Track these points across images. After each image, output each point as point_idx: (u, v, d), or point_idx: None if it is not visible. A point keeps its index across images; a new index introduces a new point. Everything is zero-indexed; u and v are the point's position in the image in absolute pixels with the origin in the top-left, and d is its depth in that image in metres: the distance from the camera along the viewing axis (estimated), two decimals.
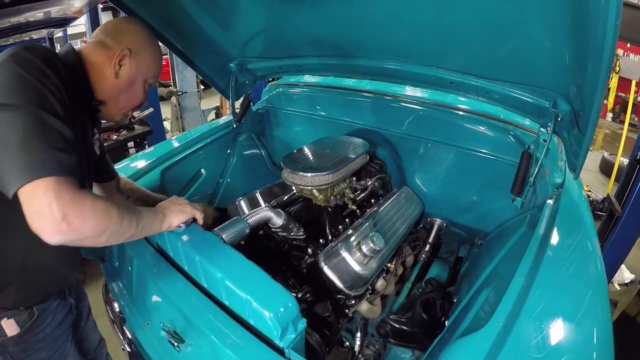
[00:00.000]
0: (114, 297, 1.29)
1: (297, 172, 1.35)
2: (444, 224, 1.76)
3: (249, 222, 1.16)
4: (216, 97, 6.53)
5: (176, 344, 0.95)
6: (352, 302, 1.23)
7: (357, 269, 1.16)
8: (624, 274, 2.84)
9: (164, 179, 1.63)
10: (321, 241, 1.37)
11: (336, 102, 2.04)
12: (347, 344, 1.29)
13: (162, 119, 4.58)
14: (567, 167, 1.29)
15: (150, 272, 1.08)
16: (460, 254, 1.85)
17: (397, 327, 1.26)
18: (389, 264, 1.40)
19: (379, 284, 1.39)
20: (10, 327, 0.93)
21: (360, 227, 1.34)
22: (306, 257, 1.31)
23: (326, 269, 1.17)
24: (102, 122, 1.15)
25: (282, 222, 1.26)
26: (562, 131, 1.20)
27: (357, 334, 1.29)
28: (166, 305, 1.07)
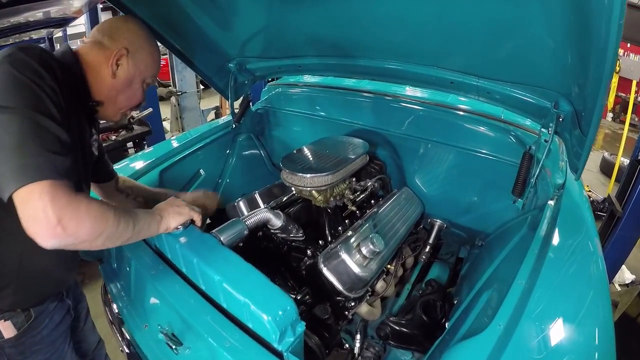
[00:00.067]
0: (112, 299, 1.28)
1: (296, 173, 1.34)
2: (444, 225, 1.75)
3: (247, 223, 1.16)
4: (216, 97, 6.54)
5: (174, 346, 0.94)
6: (352, 304, 1.22)
7: (356, 270, 1.16)
8: (625, 275, 2.83)
9: (163, 180, 1.62)
10: (320, 242, 1.36)
11: (336, 102, 2.03)
12: (347, 346, 1.28)
13: (162, 119, 4.59)
14: (568, 167, 1.28)
15: (148, 274, 1.07)
16: (460, 255, 1.84)
17: (397, 329, 1.25)
18: (389, 266, 1.40)
19: (379, 285, 1.39)
20: (7, 329, 0.93)
21: (360, 228, 1.33)
22: (305, 259, 1.30)
23: (325, 270, 1.16)
24: (101, 122, 1.15)
25: (281, 223, 1.25)
26: (564, 132, 1.19)
27: (357, 336, 1.28)
28: (164, 307, 1.06)
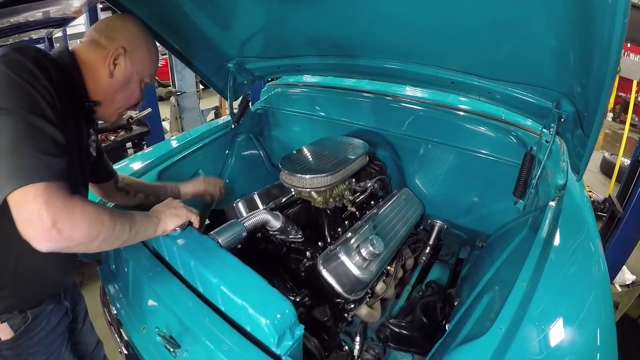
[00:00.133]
0: (110, 300, 1.27)
1: (295, 174, 1.33)
2: (445, 226, 1.74)
3: (245, 225, 1.15)
4: (215, 97, 6.53)
5: (172, 349, 0.93)
6: (351, 306, 1.21)
7: (356, 272, 1.15)
8: (625, 275, 2.83)
9: (162, 180, 1.60)
10: (320, 244, 1.35)
11: (335, 102, 2.02)
12: (346, 348, 1.28)
13: (161, 119, 4.58)
14: (569, 168, 1.27)
15: (146, 276, 1.07)
16: (460, 256, 1.84)
17: (397, 331, 1.24)
18: (389, 267, 1.39)
19: (379, 287, 1.38)
20: (3, 331, 0.92)
21: (359, 229, 1.32)
22: (304, 260, 1.29)
23: (325, 272, 1.15)
24: (99, 122, 1.14)
25: (280, 224, 1.24)
26: (565, 132, 1.18)
27: (356, 338, 1.27)
28: (162, 309, 1.05)
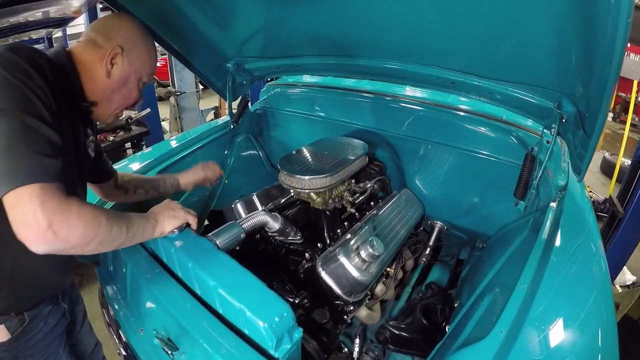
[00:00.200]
0: (109, 302, 1.26)
1: (294, 175, 1.32)
2: (445, 227, 1.73)
3: (244, 227, 1.14)
4: (215, 97, 6.50)
5: (170, 351, 0.92)
6: (351, 308, 1.20)
7: (355, 274, 1.14)
8: (626, 276, 2.82)
9: None
10: (319, 245, 1.35)
11: (335, 102, 2.01)
12: (346, 350, 1.27)
13: (161, 120, 4.57)
14: (570, 168, 1.26)
15: (144, 277, 1.06)
16: (461, 257, 1.83)
17: (397, 333, 1.23)
18: (388, 269, 1.38)
19: (379, 288, 1.37)
20: (0, 333, 0.91)
21: (359, 231, 1.31)
22: (304, 262, 1.28)
23: (324, 274, 1.14)
24: (98, 123, 1.13)
25: (278, 226, 1.23)
26: (567, 133, 1.17)
27: (356, 340, 1.26)
28: (160, 311, 1.04)
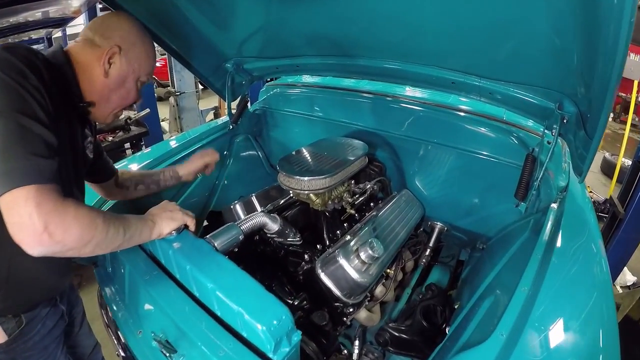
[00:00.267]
0: (107, 303, 1.26)
1: (293, 176, 1.31)
2: (445, 228, 1.73)
3: (242, 228, 1.13)
4: (214, 97, 6.49)
5: (168, 354, 0.92)
6: (350, 309, 1.20)
7: (355, 276, 1.13)
8: (626, 277, 2.82)
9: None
10: (318, 247, 1.34)
11: (335, 102, 2.01)
12: (345, 351, 1.26)
13: (160, 120, 4.57)
14: (571, 169, 1.25)
15: (142, 279, 1.05)
16: (461, 258, 1.82)
17: (397, 335, 1.22)
18: (388, 270, 1.37)
19: (378, 290, 1.36)
20: None
21: (359, 232, 1.31)
22: (303, 264, 1.28)
23: (323, 276, 1.14)
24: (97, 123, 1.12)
25: (277, 227, 1.23)
26: (568, 133, 1.16)
27: (355, 342, 1.25)
28: (158, 313, 1.03)
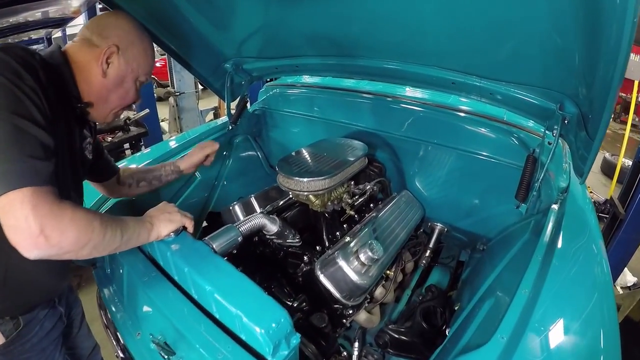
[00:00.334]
0: (106, 305, 1.25)
1: (292, 177, 1.30)
2: (445, 229, 1.72)
3: (241, 230, 1.12)
4: (214, 97, 6.46)
5: (166, 356, 0.91)
6: (350, 311, 1.19)
7: (354, 278, 1.12)
8: (627, 277, 2.81)
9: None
10: (318, 248, 1.33)
11: (334, 103, 2.00)
12: (345, 353, 1.25)
13: (160, 120, 4.56)
14: (571, 170, 1.25)
15: (140, 281, 1.04)
16: (461, 259, 1.81)
17: (396, 336, 1.22)
18: (388, 271, 1.37)
19: (378, 292, 1.36)
20: None
21: (358, 233, 1.30)
22: (302, 265, 1.27)
23: (322, 277, 1.13)
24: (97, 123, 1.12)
25: (276, 228, 1.22)
26: (569, 134, 1.16)
27: (355, 344, 1.25)
28: (157, 315, 1.03)
